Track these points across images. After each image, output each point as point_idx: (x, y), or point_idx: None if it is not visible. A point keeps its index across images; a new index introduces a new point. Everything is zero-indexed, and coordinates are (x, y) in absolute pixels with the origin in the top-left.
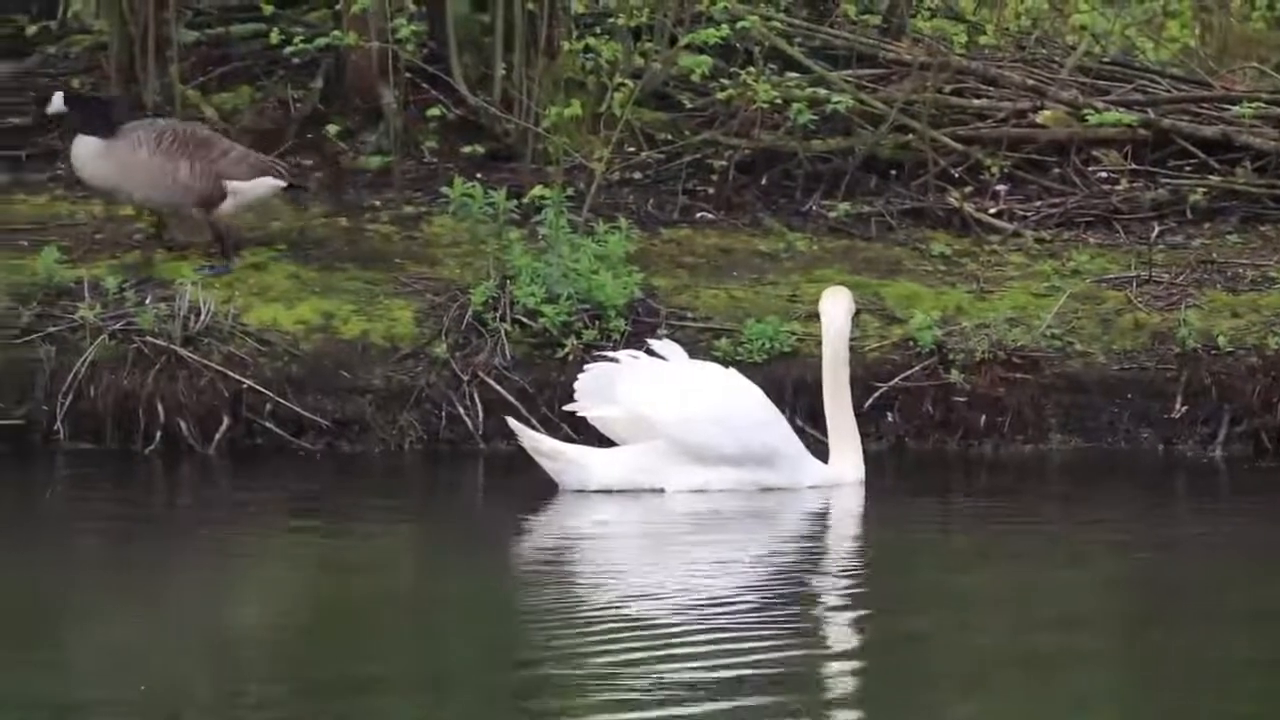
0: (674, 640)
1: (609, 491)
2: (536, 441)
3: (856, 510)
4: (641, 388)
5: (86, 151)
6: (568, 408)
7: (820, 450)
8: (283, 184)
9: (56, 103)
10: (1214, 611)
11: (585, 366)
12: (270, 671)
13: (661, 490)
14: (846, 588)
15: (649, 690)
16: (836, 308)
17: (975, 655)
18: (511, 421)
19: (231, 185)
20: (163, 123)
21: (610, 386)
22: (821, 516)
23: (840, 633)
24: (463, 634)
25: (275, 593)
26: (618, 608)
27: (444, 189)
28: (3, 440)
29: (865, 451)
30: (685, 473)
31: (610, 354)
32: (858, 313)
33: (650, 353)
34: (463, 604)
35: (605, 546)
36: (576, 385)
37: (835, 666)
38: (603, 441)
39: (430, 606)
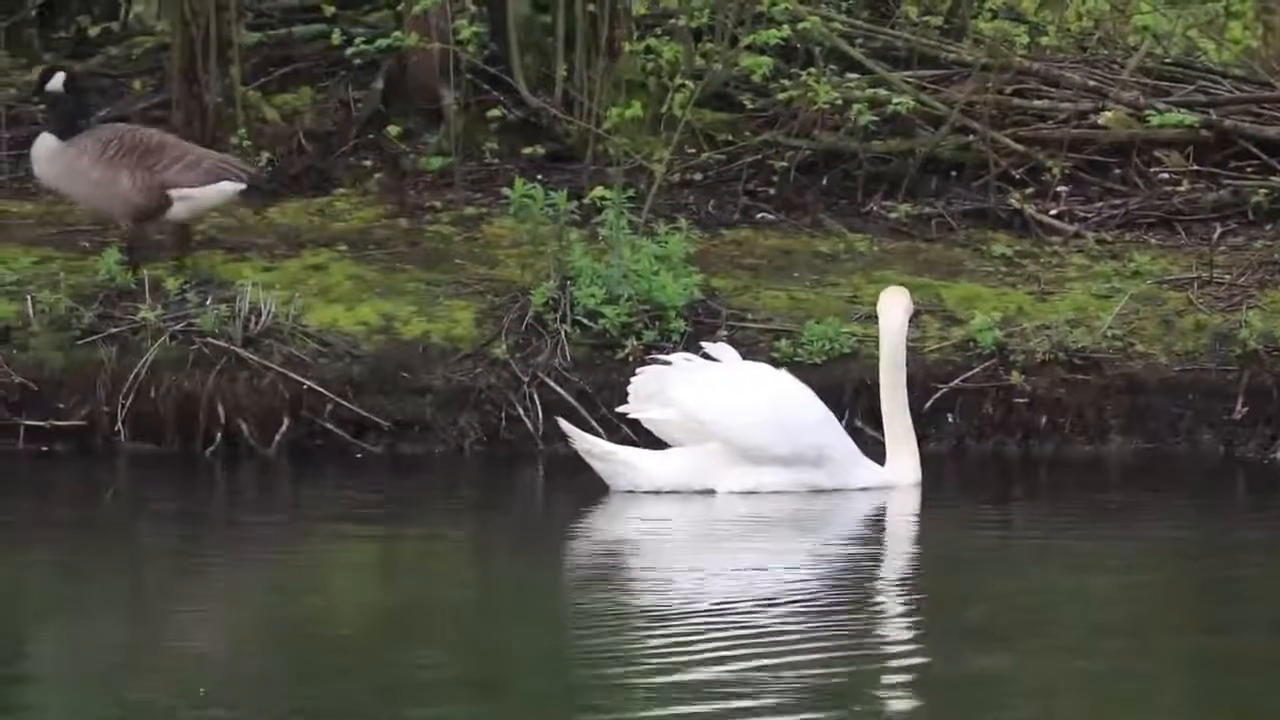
0: (730, 643)
1: (660, 493)
2: (588, 443)
3: (913, 512)
4: (693, 390)
5: (43, 151)
6: (621, 409)
7: (880, 452)
8: (240, 186)
9: (56, 82)
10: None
11: (638, 370)
12: (325, 674)
13: (713, 492)
14: (903, 591)
15: (705, 695)
16: (894, 308)
17: (1035, 662)
18: (563, 423)
19: (180, 193)
20: (111, 130)
21: (663, 389)
22: (878, 519)
23: (898, 636)
24: (518, 637)
25: (333, 595)
26: (674, 611)
27: (505, 190)
28: (64, 441)
29: (925, 453)
30: (737, 474)
31: (663, 357)
32: (918, 313)
33: (705, 356)
34: (519, 607)
35: (663, 549)
36: (630, 388)
37: (891, 670)
38: (659, 445)
39: (487, 610)
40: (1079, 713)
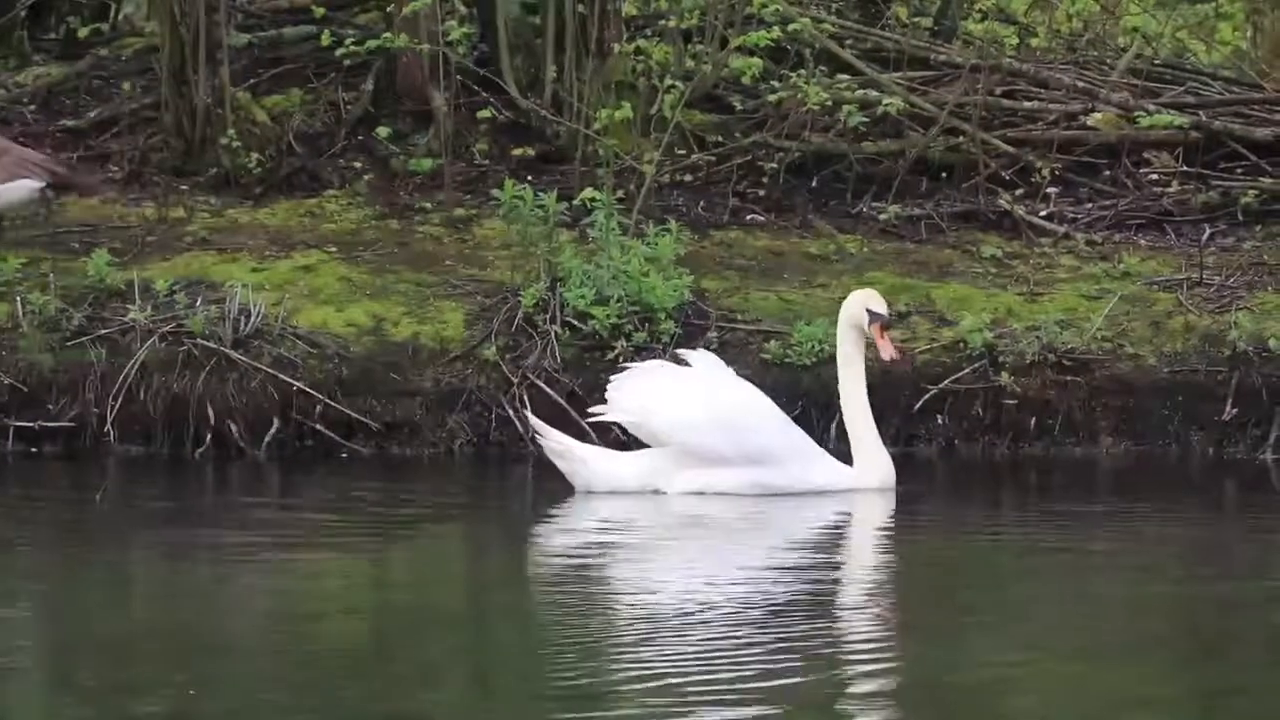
0: (712, 648)
1: (615, 493)
2: (551, 439)
3: (886, 516)
4: (647, 394)
5: None
6: (591, 410)
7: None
8: (39, 185)
9: None
10: (1270, 625)
11: (614, 375)
12: (316, 675)
13: (664, 492)
14: (887, 596)
15: (693, 699)
16: (847, 307)
17: (1026, 667)
18: (531, 418)
19: None
20: None
21: (626, 393)
22: (846, 521)
23: (883, 642)
24: (505, 643)
25: (322, 597)
26: (660, 617)
27: (494, 191)
28: (53, 442)
29: (915, 454)
30: (688, 476)
31: (635, 363)
32: (907, 314)
33: (678, 361)
34: (509, 610)
35: (652, 554)
36: (608, 391)
37: (875, 677)
38: (643, 446)
39: (477, 613)
40: (1074, 718)
